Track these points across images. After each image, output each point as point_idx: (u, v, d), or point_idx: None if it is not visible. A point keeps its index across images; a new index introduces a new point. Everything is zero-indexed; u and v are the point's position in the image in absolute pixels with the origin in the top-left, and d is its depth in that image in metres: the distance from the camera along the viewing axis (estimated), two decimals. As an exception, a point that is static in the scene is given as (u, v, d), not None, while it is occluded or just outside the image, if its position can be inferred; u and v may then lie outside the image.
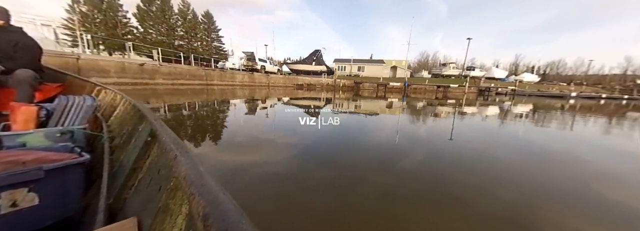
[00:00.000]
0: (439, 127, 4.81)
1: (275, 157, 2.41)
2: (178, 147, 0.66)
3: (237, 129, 3.75)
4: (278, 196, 1.58)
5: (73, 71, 7.63)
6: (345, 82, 23.76)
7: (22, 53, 2.10)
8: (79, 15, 19.31)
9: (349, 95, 14.44)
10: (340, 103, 9.15)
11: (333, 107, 7.69)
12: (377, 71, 31.83)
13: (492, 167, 2.37)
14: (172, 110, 5.12)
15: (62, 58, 7.32)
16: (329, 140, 3.18)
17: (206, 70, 14.10)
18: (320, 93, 15.60)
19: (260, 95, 10.95)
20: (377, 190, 1.72)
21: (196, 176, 0.46)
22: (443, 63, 36.84)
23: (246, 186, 1.72)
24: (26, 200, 0.89)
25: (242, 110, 6.13)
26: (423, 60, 52.55)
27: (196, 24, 25.89)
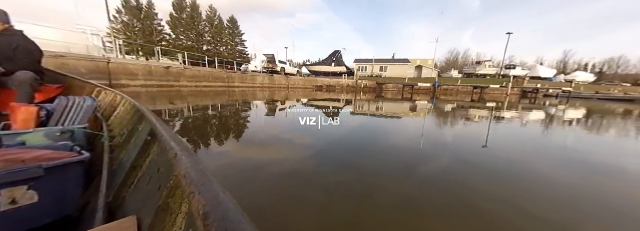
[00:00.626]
0: (471, 132, 4.44)
1: (293, 157, 2.49)
2: (178, 146, 0.67)
3: (256, 129, 3.91)
4: (294, 195, 1.63)
5: (103, 74, 8.53)
6: (367, 83, 23.21)
7: (22, 55, 2.19)
8: (120, 24, 22.46)
9: (370, 97, 14.00)
10: (361, 105, 8.95)
11: (353, 109, 7.57)
12: (400, 71, 30.62)
13: (531, 180, 2.12)
14: (195, 111, 5.50)
15: (94, 62, 8.12)
16: (346, 142, 3.16)
17: (228, 73, 14.77)
18: (340, 94, 15.39)
19: (279, 97, 11.15)
20: (397, 197, 1.66)
21: (196, 175, 0.47)
22: (477, 62, 34.22)
23: (264, 183, 1.80)
24: (25, 197, 0.91)
25: (261, 110, 6.32)
26: (452, 59, 49.85)
27: (222, 29, 27.99)
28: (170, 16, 25.03)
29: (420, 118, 5.99)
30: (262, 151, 2.69)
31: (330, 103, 9.01)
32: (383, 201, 1.58)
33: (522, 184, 2.01)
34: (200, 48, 26.16)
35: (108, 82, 8.60)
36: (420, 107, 9.15)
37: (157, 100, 7.15)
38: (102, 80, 8.38)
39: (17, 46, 2.14)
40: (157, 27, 24.28)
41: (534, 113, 7.87)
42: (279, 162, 2.31)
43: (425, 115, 6.65)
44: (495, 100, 14.42)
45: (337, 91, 19.96)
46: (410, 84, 22.50)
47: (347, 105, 8.71)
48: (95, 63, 8.09)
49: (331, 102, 9.85)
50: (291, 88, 20.15)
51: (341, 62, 30.89)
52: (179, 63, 12.18)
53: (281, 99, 10.03)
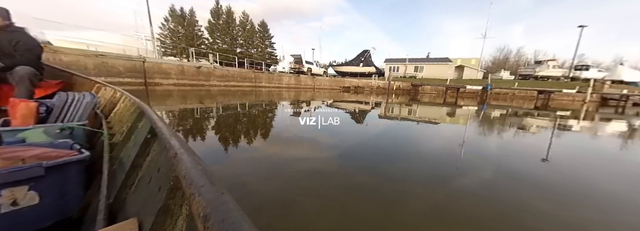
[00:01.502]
0: (529, 143, 3.88)
1: (316, 156, 2.59)
2: (178, 145, 0.67)
3: (281, 128, 4.09)
4: (317, 194, 1.68)
5: (139, 73, 9.41)
6: (400, 85, 22.06)
7: (22, 51, 2.31)
8: (167, 30, 26.68)
9: (403, 100, 13.16)
10: (391, 108, 8.55)
11: (382, 112, 7.25)
12: (439, 71, 28.29)
13: (602, 200, 1.86)
14: (224, 110, 5.87)
15: (131, 61, 9.01)
16: (373, 146, 3.12)
17: (256, 73, 15.38)
18: (369, 96, 14.89)
19: (305, 98, 11.26)
20: (425, 205, 1.62)
21: (196, 175, 0.47)
22: (537, 61, 29.32)
23: (287, 180, 1.91)
24: (27, 198, 0.91)
25: (287, 111, 6.48)
26: (501, 58, 45.34)
27: (253, 33, 30.81)
28: (209, 22, 28.51)
29: (461, 126, 5.46)
30: (286, 149, 2.84)
31: (357, 106, 8.80)
32: (409, 208, 1.56)
33: (592, 207, 1.73)
34: (234, 50, 28.80)
35: (143, 81, 9.47)
36: (466, 112, 8.30)
37: (188, 98, 7.66)
38: (138, 78, 9.27)
39: (18, 42, 2.28)
40: (197, 33, 28.03)
41: (620, 126, 6.56)
42: (302, 161, 2.42)
43: (467, 122, 6.04)
44: (564, 108, 12.05)
45: (366, 93, 19.33)
46: (455, 86, 19.88)
47: (375, 108, 8.40)
48: (132, 63, 8.98)
49: (358, 104, 9.58)
50: (317, 89, 20.29)
51: (370, 62, 30.15)
52: (209, 63, 12.97)
53: (306, 100, 10.10)
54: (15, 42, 2.27)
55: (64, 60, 7.13)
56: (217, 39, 29.16)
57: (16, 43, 2.27)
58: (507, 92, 19.68)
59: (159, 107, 5.46)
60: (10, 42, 2.25)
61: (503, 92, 19.71)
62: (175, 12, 27.24)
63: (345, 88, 22.00)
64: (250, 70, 15.44)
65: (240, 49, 30.28)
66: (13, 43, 2.26)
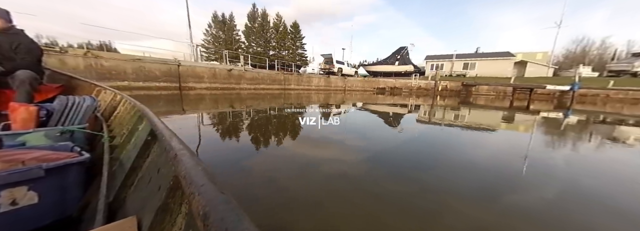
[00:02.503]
0: (626, 161, 3.19)
1: (344, 159, 2.69)
2: (178, 146, 0.71)
3: (309, 130, 4.28)
4: (344, 198, 1.73)
5: (174, 77, 10.30)
6: (448, 85, 20.04)
7: (22, 54, 2.37)
8: (210, 36, 29.86)
9: (452, 103, 11.88)
10: (434, 112, 7.94)
11: (424, 116, 6.82)
12: (495, 68, 25.55)
13: None
14: (254, 113, 6.20)
15: (166, 65, 9.91)
16: (407, 152, 3.08)
17: (285, 75, 15.85)
18: (408, 99, 14.11)
19: (335, 100, 11.19)
20: (468, 221, 1.52)
21: (196, 175, 0.50)
22: (636, 53, 23.78)
23: (315, 180, 2.03)
24: (26, 198, 0.99)
25: (315, 113, 6.57)
26: (577, 52, 39.44)
27: (286, 34, 32.41)
28: (245, 26, 31.28)
29: (525, 135, 4.79)
30: (312, 150, 2.98)
31: (391, 109, 8.45)
32: (448, 224, 1.49)
33: None
34: (267, 53, 30.74)
35: (178, 85, 10.34)
36: (537, 120, 6.91)
37: (219, 102, 8.16)
38: (173, 82, 10.16)
39: (18, 45, 2.36)
40: (235, 37, 30.87)
41: None
42: (329, 163, 2.51)
43: (533, 130, 5.26)
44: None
45: (405, 95, 18.31)
46: (527, 87, 16.66)
47: (413, 112, 7.95)
48: (167, 67, 9.90)
49: (393, 107, 9.19)
50: (348, 91, 20.02)
51: (407, 61, 28.80)
52: (240, 65, 13.72)
53: (336, 103, 10.05)
54: (16, 45, 2.34)
55: (105, 66, 8.17)
56: (252, 42, 31.55)
57: (17, 46, 2.34)
58: (597, 94, 16.19)
59: (193, 111, 5.89)
60: (10, 45, 2.33)
61: (591, 93, 16.26)
62: (217, 18, 30.35)
63: (379, 90, 21.29)
64: (280, 72, 15.95)
65: (273, 51, 32.01)
66: (14, 46, 2.34)
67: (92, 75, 7.84)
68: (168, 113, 5.24)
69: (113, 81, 8.41)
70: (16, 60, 2.34)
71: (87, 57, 7.65)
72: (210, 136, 3.61)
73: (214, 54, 27.39)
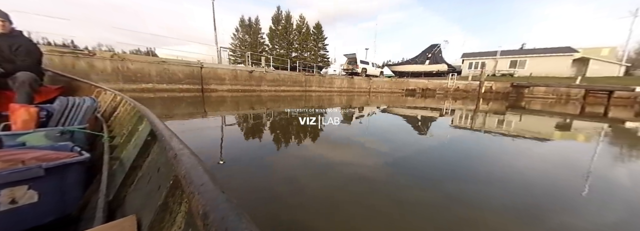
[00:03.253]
0: None
1: (364, 162, 2.75)
2: (178, 146, 0.74)
3: (329, 131, 4.44)
4: (364, 202, 1.76)
5: (197, 79, 10.81)
6: (493, 86, 18.22)
7: (22, 56, 2.46)
8: (238, 40, 32.56)
9: (498, 107, 10.88)
10: (473, 117, 7.47)
11: (459, 121, 6.44)
12: (552, 66, 22.99)
13: None
14: (274, 115, 6.37)
15: (189, 67, 10.46)
16: (436, 158, 3.03)
17: (306, 76, 15.97)
18: (443, 102, 13.32)
19: (358, 103, 11.03)
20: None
21: (196, 175, 0.52)
22: None
23: (333, 182, 2.12)
24: (26, 197, 1.04)
25: (336, 116, 6.57)
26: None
27: (308, 36, 33.99)
28: (270, 29, 33.50)
29: (589, 145, 4.31)
30: (332, 152, 3.09)
31: (420, 112, 8.10)
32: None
33: None
34: (290, 55, 32.36)
35: (200, 87, 10.82)
36: (606, 130, 5.94)
37: (240, 104, 8.41)
38: (195, 85, 10.65)
39: (18, 47, 2.47)
40: (260, 40, 33.24)
41: None
42: (349, 165, 2.59)
43: (600, 142, 4.69)
44: None
45: (439, 97, 17.29)
46: (604, 89, 14.36)
47: (446, 115, 7.54)
48: (190, 69, 10.43)
49: (422, 110, 8.80)
50: (374, 92, 19.51)
51: (440, 59, 27.52)
52: (261, 66, 14.07)
53: (360, 105, 9.90)
54: (16, 47, 2.46)
55: (131, 68, 8.78)
56: (275, 44, 33.67)
57: (17, 48, 2.46)
58: None
59: (214, 113, 6.12)
60: (10, 47, 2.44)
61: None
62: (244, 22, 33.22)
63: (409, 92, 20.45)
64: (301, 74, 16.06)
65: (295, 53, 33.55)
66: (14, 48, 2.45)
67: (118, 78, 8.48)
68: (190, 116, 5.51)
69: (138, 83, 9.02)
70: (16, 62, 2.46)
71: (113, 60, 8.29)
72: (231, 135, 3.87)
73: (240, 57, 29.20)
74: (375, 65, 23.90)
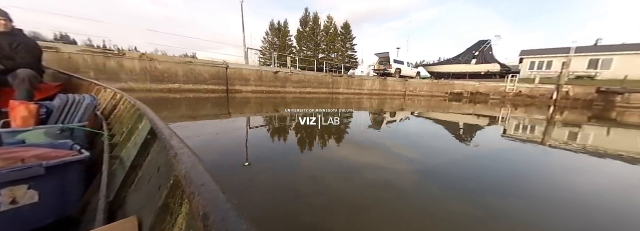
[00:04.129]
0: None
1: (391, 167, 2.76)
2: (178, 145, 0.77)
3: (355, 134, 4.59)
4: (391, 209, 1.79)
5: (222, 79, 11.22)
6: (571, 90, 15.10)
7: (22, 53, 2.61)
8: (267, 43, 35.28)
9: (577, 117, 9.34)
10: (535, 127, 6.83)
11: (515, 130, 5.90)
12: None
13: None
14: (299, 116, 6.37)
15: (215, 67, 10.97)
16: (478, 169, 2.92)
17: (333, 77, 15.94)
18: (498, 109, 11.55)
19: (390, 107, 10.71)
20: None
21: (196, 175, 0.55)
22: None
23: (358, 186, 2.19)
24: (26, 197, 1.06)
25: (365, 120, 6.58)
26: None
27: (335, 36, 35.21)
28: (298, 31, 35.56)
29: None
30: (358, 156, 3.17)
31: (465, 118, 7.61)
32: None
33: None
34: (316, 56, 33.83)
35: (225, 88, 11.23)
36: None
37: (264, 106, 8.61)
38: (220, 85, 11.07)
39: (18, 45, 2.64)
40: (288, 42, 35.42)
41: None
42: (375, 170, 2.63)
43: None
44: None
45: (493, 103, 15.23)
46: None
47: (497, 123, 6.99)
48: (216, 69, 10.91)
49: (467, 116, 8.25)
50: (410, 96, 18.68)
51: (489, 57, 25.52)
52: (288, 66, 14.29)
53: (392, 110, 9.61)
54: (16, 45, 2.62)
55: (159, 68, 9.37)
56: (303, 46, 35.65)
57: (17, 46, 2.62)
58: None
59: (239, 115, 6.32)
60: (10, 45, 2.60)
61: None
62: (274, 25, 35.80)
63: (454, 96, 18.82)
64: (328, 75, 16.04)
65: (322, 55, 34.92)
66: (14, 45, 2.61)
67: (146, 78, 9.07)
68: (215, 117, 5.71)
69: (165, 83, 9.58)
70: (16, 60, 2.63)
71: (142, 60, 8.90)
72: (255, 137, 4.06)
73: (269, 60, 31.03)
74: (410, 65, 22.67)
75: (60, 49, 7.51)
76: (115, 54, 8.36)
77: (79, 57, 7.75)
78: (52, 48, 7.32)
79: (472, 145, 4.19)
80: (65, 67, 7.49)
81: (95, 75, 8.09)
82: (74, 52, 7.69)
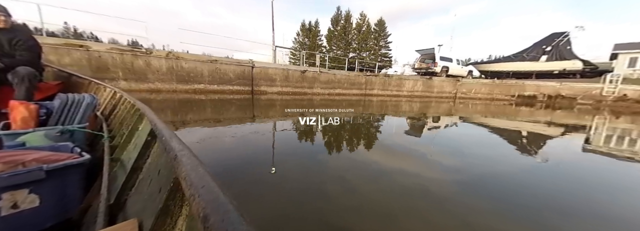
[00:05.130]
0: None
1: (427, 175, 2.80)
2: (179, 147, 0.80)
3: (385, 137, 4.73)
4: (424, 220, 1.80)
5: (247, 79, 11.51)
6: None
7: (21, 51, 2.70)
8: (298, 44, 37.57)
9: None
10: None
11: (607, 143, 5.32)
12: None
13: None
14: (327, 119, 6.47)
15: (240, 67, 11.37)
16: (537, 185, 2.73)
17: (367, 77, 15.74)
18: (590, 116, 10.12)
19: (435, 111, 10.25)
20: None
21: (196, 177, 0.57)
22: None
23: (387, 192, 2.27)
24: (27, 201, 1.12)
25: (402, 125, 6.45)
26: None
27: (368, 34, 36.20)
28: (328, 31, 37.56)
29: None
30: (391, 160, 3.25)
31: (530, 126, 6.94)
32: None
33: None
34: (347, 55, 34.83)
35: (250, 88, 11.54)
36: None
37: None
38: (246, 86, 11.39)
39: (18, 41, 2.76)
40: (318, 42, 37.41)
41: None
42: (409, 176, 2.69)
43: None
44: None
45: (583, 109, 13.26)
46: None
47: (579, 133, 6.32)
48: (241, 69, 11.32)
49: (536, 124, 7.51)
50: (463, 99, 17.57)
51: (567, 53, 22.71)
52: (317, 65, 14.36)
53: (438, 114, 9.19)
54: (16, 42, 2.73)
55: (185, 68, 9.91)
56: (333, 45, 37.30)
57: (16, 42, 2.73)
58: None
59: (264, 118, 6.44)
60: (10, 42, 2.71)
61: None
62: (305, 26, 38.19)
63: (524, 99, 16.63)
64: (361, 74, 15.81)
65: (353, 54, 36.06)
66: (13, 42, 2.72)
67: (172, 78, 9.60)
68: (240, 121, 5.86)
69: (191, 84, 10.09)
70: (15, 57, 2.75)
71: (169, 59, 9.45)
72: (282, 140, 4.20)
73: (299, 60, 32.27)
74: (461, 63, 20.95)
75: (91, 47, 8.20)
76: (142, 52, 8.96)
77: (108, 56, 8.40)
78: (82, 46, 8.03)
79: (536, 157, 3.85)
80: (95, 67, 8.16)
81: (123, 76, 8.74)
82: (104, 50, 8.37)
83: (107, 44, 9.20)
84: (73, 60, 7.85)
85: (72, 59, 7.83)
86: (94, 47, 8.23)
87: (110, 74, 8.56)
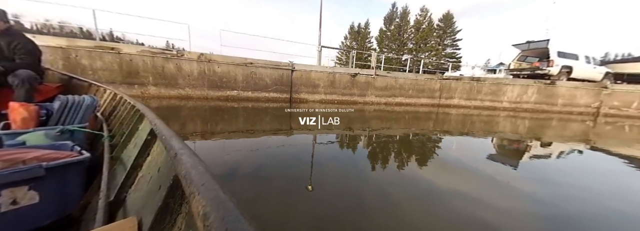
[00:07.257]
0: None
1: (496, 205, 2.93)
2: (178, 146, 0.94)
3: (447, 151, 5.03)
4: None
5: (285, 85, 11.79)
6: None
7: (21, 54, 3.18)
8: (346, 46, 40.69)
9: None
10: None
11: None
12: None
13: None
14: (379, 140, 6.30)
15: (278, 70, 11.83)
16: None
17: (443, 81, 14.69)
18: None
19: (552, 133, 9.12)
20: None
21: (196, 175, 0.67)
22: None
23: (450, 215, 2.56)
24: (26, 198, 1.38)
25: (487, 148, 6.18)
26: None
27: (430, 32, 37.69)
28: (379, 31, 40.31)
29: None
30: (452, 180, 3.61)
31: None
32: None
33: None
34: (400, 58, 35.79)
35: (289, 96, 11.86)
36: None
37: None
38: (283, 93, 11.79)
39: (17, 45, 3.23)
40: (367, 44, 40.33)
41: None
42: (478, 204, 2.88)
43: None
44: None
45: None
46: None
47: None
48: (279, 73, 11.81)
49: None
50: (609, 116, 14.06)
51: None
52: (372, 67, 14.21)
53: (558, 139, 7.83)
54: (15, 45, 3.24)
55: (217, 72, 10.68)
56: (384, 47, 39.82)
57: (15, 46, 3.24)
58: None
59: (301, 131, 6.59)
60: (9, 45, 3.23)
61: None
62: (353, 28, 41.49)
63: None
64: (433, 77, 14.83)
65: (407, 56, 37.04)
66: (12, 46, 3.24)
67: (203, 84, 10.40)
68: (274, 133, 6.15)
69: (223, 90, 10.82)
70: (15, 60, 3.25)
71: (200, 62, 10.28)
72: (320, 160, 4.33)
73: (346, 64, 34.63)
74: (593, 61, 16.70)
75: (121, 49, 9.35)
76: (173, 54, 9.91)
77: (139, 59, 9.47)
78: (114, 48, 9.19)
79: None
80: (126, 71, 9.23)
81: (153, 81, 9.73)
82: (135, 53, 9.49)
83: (138, 46, 10.36)
84: (105, 64, 9.06)
85: (103, 63, 9.04)
86: (125, 50, 9.36)
87: (141, 79, 9.66)
